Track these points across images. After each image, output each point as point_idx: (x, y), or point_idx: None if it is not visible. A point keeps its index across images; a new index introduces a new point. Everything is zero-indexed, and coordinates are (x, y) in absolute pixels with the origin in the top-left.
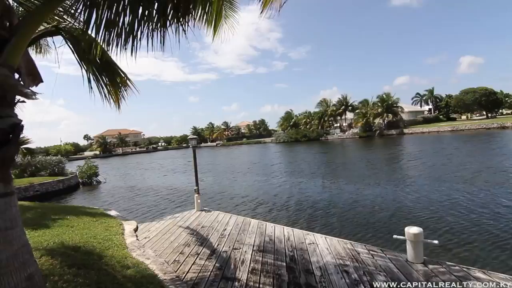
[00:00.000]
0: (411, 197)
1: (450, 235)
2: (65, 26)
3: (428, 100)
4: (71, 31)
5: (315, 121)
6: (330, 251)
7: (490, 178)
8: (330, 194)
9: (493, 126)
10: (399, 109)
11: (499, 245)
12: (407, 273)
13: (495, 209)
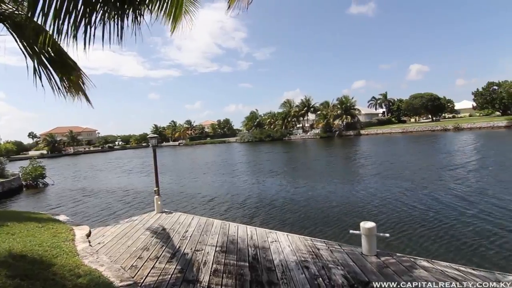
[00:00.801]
0: (366, 194)
1: (400, 228)
2: (6, 11)
3: (382, 104)
4: (13, 17)
5: (279, 122)
6: (291, 248)
7: (434, 175)
8: (292, 192)
9: (437, 129)
10: (356, 112)
11: (440, 236)
12: (362, 266)
13: (437, 203)
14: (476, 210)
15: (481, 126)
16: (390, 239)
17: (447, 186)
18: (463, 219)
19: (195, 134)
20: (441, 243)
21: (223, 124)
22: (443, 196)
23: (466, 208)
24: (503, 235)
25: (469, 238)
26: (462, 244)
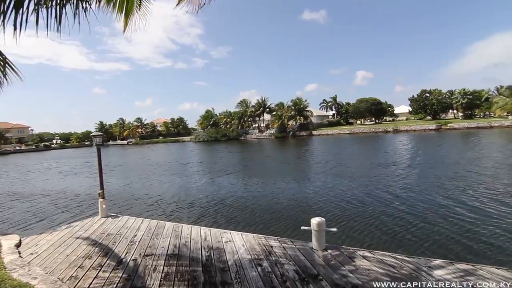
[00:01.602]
0: (317, 191)
1: (346, 222)
2: None
3: (332, 106)
4: None
5: (235, 121)
6: (246, 247)
7: (375, 173)
8: (247, 191)
9: (379, 130)
10: (309, 113)
11: (380, 228)
12: (311, 260)
13: (377, 199)
14: (408, 204)
15: (415, 128)
16: (337, 233)
17: (386, 183)
18: (398, 212)
19: (146, 132)
20: (380, 234)
21: (177, 122)
22: (382, 192)
23: (400, 202)
24: (427, 226)
25: (403, 228)
26: (397, 234)
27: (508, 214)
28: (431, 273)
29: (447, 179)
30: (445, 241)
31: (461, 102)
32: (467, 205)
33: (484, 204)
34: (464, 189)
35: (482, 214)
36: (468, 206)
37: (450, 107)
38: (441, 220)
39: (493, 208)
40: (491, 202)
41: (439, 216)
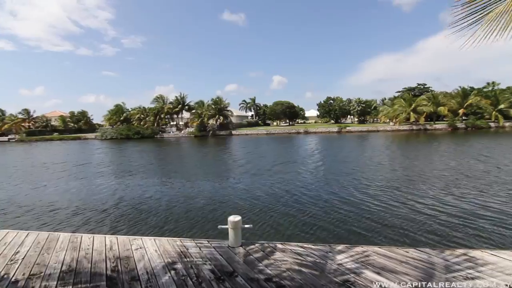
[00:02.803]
0: (235, 189)
1: (263, 217)
2: None
3: (251, 107)
4: None
5: (151, 118)
6: (159, 252)
7: (288, 170)
8: (161, 193)
9: (292, 132)
10: (229, 113)
11: (290, 221)
12: (228, 257)
13: (289, 194)
14: (315, 197)
15: (322, 131)
16: (254, 229)
17: (296, 179)
18: (306, 204)
19: (36, 127)
20: (292, 226)
21: (78, 117)
22: (293, 187)
23: (308, 196)
24: (331, 215)
25: (311, 219)
26: (306, 225)
27: (389, 202)
28: (334, 258)
29: (345, 174)
30: (347, 228)
31: (357, 109)
32: (363, 196)
33: (375, 195)
34: (359, 181)
35: (373, 203)
36: (363, 196)
37: (348, 113)
38: (342, 210)
39: (380, 197)
40: (379, 192)
41: (339, 206)
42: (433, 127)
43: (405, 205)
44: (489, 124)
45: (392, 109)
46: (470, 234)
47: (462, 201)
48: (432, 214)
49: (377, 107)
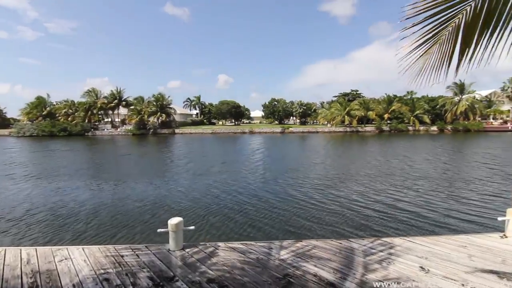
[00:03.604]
0: (177, 191)
1: (205, 219)
2: None
3: (196, 105)
4: None
5: (81, 113)
6: (89, 263)
7: (232, 168)
8: (93, 197)
9: (238, 131)
10: (172, 111)
11: (234, 220)
12: (168, 262)
13: (232, 193)
14: (259, 195)
15: (266, 131)
16: (196, 230)
17: (240, 178)
18: (250, 202)
19: None
20: (235, 225)
21: None
22: (236, 186)
23: (252, 194)
24: (275, 212)
25: (256, 217)
26: (250, 222)
27: (324, 199)
28: (276, 254)
29: (286, 172)
30: (289, 224)
31: (299, 111)
32: (302, 193)
33: (312, 192)
34: (298, 179)
35: (310, 200)
36: (303, 194)
37: (291, 115)
38: (283, 207)
39: (317, 195)
40: (316, 190)
41: (281, 203)
42: (364, 129)
43: (336, 201)
44: (408, 128)
45: (329, 112)
46: (390, 224)
47: (384, 195)
48: (361, 207)
49: (317, 109)
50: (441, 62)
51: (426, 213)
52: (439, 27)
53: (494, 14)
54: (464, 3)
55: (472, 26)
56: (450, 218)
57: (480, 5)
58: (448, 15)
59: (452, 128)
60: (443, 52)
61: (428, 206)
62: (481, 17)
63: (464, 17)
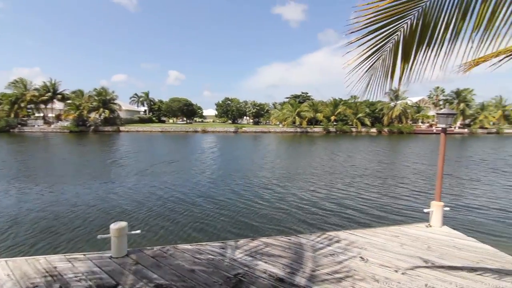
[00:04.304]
0: (121, 193)
1: (152, 221)
2: None
3: (144, 102)
4: None
5: (5, 107)
6: (14, 277)
7: (182, 168)
8: (13, 203)
9: (190, 130)
10: (117, 106)
11: (184, 222)
12: (111, 270)
13: (182, 194)
14: (209, 195)
15: (220, 130)
16: (143, 234)
17: (190, 178)
18: (200, 203)
19: None
20: (185, 227)
21: None
22: (186, 187)
23: (202, 195)
24: (227, 212)
25: (208, 217)
26: (203, 223)
27: (273, 198)
28: (228, 253)
29: (237, 172)
30: (242, 223)
31: (252, 111)
32: (253, 192)
33: (263, 191)
34: (249, 178)
35: (261, 199)
36: (254, 193)
37: (244, 114)
38: (235, 206)
39: (267, 194)
40: (266, 189)
41: (233, 203)
42: (312, 130)
43: (285, 199)
44: (351, 129)
45: (281, 113)
46: (335, 219)
47: (328, 192)
48: (308, 204)
49: (269, 110)
50: (385, 75)
51: (366, 208)
52: (381, 42)
53: (427, 32)
54: (401, 20)
55: (410, 42)
56: (386, 211)
57: (415, 23)
58: (388, 31)
59: (388, 130)
60: (386, 66)
61: (367, 201)
62: (417, 34)
63: (402, 33)
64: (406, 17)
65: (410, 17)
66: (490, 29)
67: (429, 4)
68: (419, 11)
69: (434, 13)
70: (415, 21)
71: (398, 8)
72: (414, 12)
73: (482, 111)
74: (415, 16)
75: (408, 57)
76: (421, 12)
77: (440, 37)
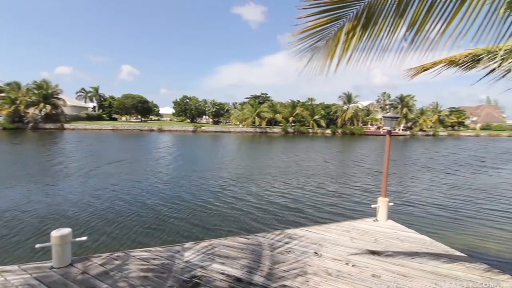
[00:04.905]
0: (61, 197)
1: (100, 227)
2: None
3: (93, 98)
4: None
5: None
6: None
7: (133, 169)
8: None
9: (144, 129)
10: (61, 102)
11: (134, 226)
12: (51, 282)
13: (132, 197)
14: (159, 198)
15: (177, 129)
16: (90, 241)
17: (142, 180)
18: (150, 207)
19: None
20: (136, 232)
21: None
22: (138, 189)
23: (153, 198)
24: (177, 215)
25: (157, 222)
26: (151, 228)
27: (229, 198)
28: (182, 256)
29: (193, 172)
30: (195, 225)
31: (212, 110)
32: (208, 193)
33: (217, 192)
34: (203, 179)
35: (216, 200)
36: (208, 194)
37: (204, 113)
38: (189, 208)
39: (221, 194)
40: (221, 189)
41: (186, 205)
42: (272, 130)
43: (242, 199)
44: (308, 130)
45: (241, 113)
46: (291, 216)
47: (285, 191)
48: (266, 203)
49: (229, 110)
50: (326, 57)
51: (321, 205)
52: (327, 23)
53: (369, 24)
54: (347, 9)
55: (353, 30)
56: (339, 207)
57: (360, 13)
58: (334, 15)
59: (342, 132)
60: (329, 48)
61: (322, 199)
62: (360, 24)
63: (348, 21)
64: (353, 6)
65: (357, 7)
66: (421, 31)
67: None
68: (364, 3)
69: (377, 7)
70: (361, 11)
71: None
72: (361, 4)
73: (421, 115)
74: (361, 7)
75: (349, 45)
76: (367, 4)
77: (380, 33)
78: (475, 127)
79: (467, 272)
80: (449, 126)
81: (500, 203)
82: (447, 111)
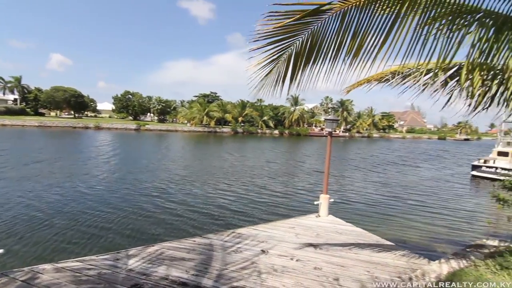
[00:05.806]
0: None
1: (23, 238)
2: None
3: (14, 89)
4: None
5: None
6: None
7: (62, 171)
8: None
9: (79, 126)
10: None
11: (66, 234)
12: None
13: (64, 202)
14: (96, 203)
15: (118, 127)
16: (10, 254)
17: (73, 183)
18: (85, 212)
19: None
20: (68, 241)
21: None
22: (69, 193)
23: (88, 202)
24: (118, 220)
25: (93, 229)
26: (84, 236)
27: (173, 200)
28: (123, 264)
29: (131, 174)
30: (137, 230)
31: (157, 108)
32: (149, 196)
33: (160, 195)
34: (144, 182)
35: (158, 202)
36: (150, 197)
37: (148, 111)
38: (130, 212)
39: (164, 197)
40: (163, 192)
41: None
42: (221, 130)
43: (186, 201)
44: (257, 130)
45: (189, 111)
46: (239, 216)
47: (228, 191)
48: (214, 204)
49: (177, 108)
50: (279, 81)
51: (267, 203)
52: (278, 53)
53: (313, 50)
54: (294, 38)
55: (300, 56)
56: (285, 205)
57: (305, 41)
58: (284, 44)
59: (289, 132)
60: (280, 73)
61: (269, 197)
62: (305, 51)
63: (295, 48)
64: (298, 36)
65: (302, 36)
66: (357, 56)
67: (316, 29)
68: (308, 33)
69: (319, 36)
70: (305, 40)
71: (293, 27)
72: (305, 33)
73: (358, 118)
74: (305, 36)
75: (298, 69)
76: (310, 33)
77: (323, 56)
78: (402, 130)
79: (395, 259)
80: (381, 129)
81: (421, 197)
82: (380, 116)
